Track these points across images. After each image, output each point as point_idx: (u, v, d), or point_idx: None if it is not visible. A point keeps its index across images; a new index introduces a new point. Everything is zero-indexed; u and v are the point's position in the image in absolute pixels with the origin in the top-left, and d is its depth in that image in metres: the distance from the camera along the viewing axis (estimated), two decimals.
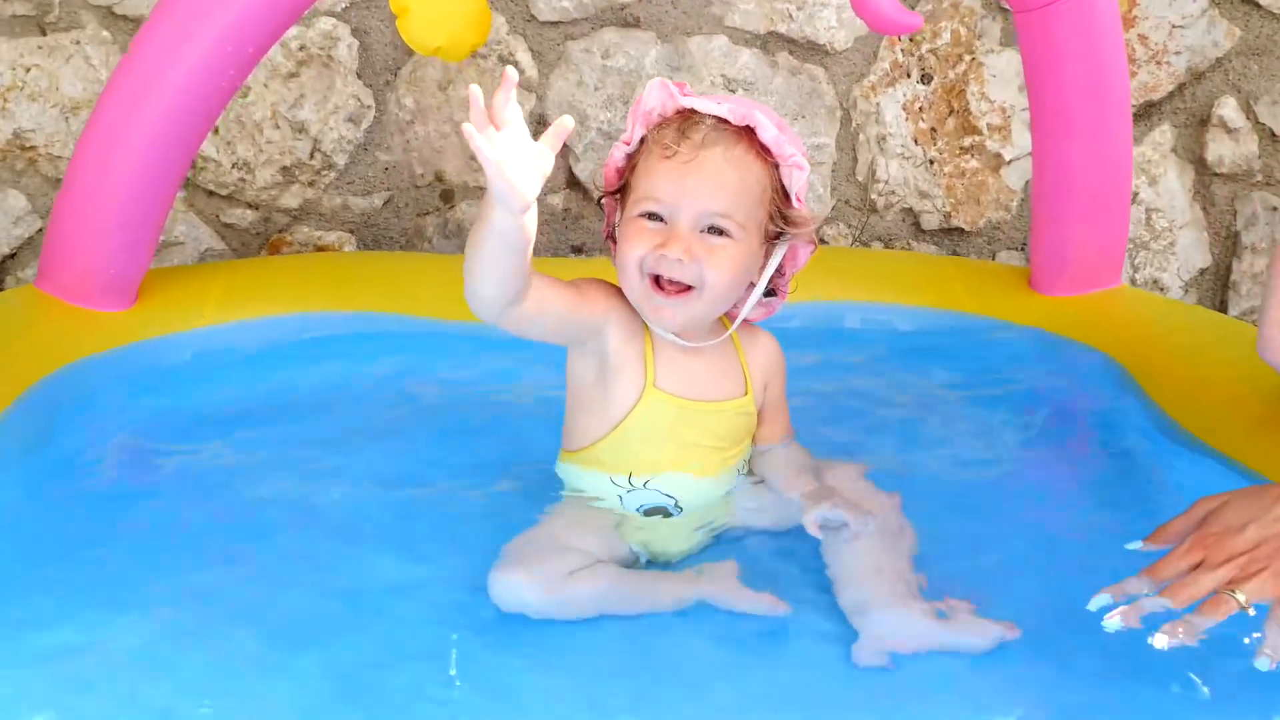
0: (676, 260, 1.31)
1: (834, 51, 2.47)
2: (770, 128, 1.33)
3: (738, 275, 1.35)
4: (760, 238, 1.36)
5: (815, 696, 1.18)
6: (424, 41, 1.60)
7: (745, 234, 1.34)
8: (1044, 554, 1.40)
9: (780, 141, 1.33)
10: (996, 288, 2.09)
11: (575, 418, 1.44)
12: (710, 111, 1.33)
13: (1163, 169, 2.56)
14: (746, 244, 1.34)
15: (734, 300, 1.39)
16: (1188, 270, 2.64)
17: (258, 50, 1.76)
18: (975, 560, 1.38)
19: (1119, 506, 1.46)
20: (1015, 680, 1.18)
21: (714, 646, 1.24)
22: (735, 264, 1.34)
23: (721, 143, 1.32)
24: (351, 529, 1.46)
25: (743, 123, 1.33)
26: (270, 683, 1.17)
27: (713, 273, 1.32)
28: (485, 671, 1.21)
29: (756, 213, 1.34)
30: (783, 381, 1.51)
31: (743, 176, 1.32)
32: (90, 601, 1.26)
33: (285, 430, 1.71)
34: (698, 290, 1.33)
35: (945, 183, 2.56)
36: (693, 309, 1.34)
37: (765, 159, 1.34)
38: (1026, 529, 1.43)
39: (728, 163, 1.32)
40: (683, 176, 1.31)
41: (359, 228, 2.50)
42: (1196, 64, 2.50)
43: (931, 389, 1.84)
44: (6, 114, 2.33)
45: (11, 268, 2.42)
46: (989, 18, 2.47)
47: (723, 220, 1.32)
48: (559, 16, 2.40)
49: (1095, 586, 1.15)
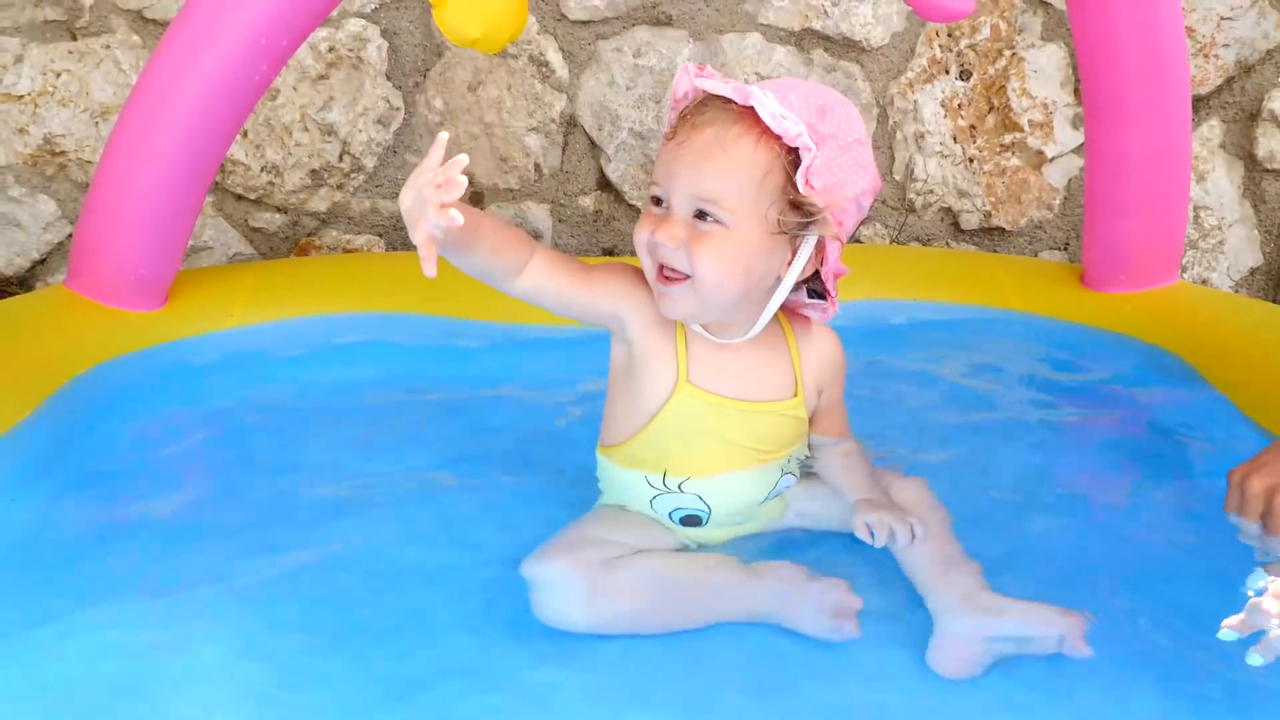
0: (665, 246, 1.25)
1: (870, 48, 2.42)
2: (773, 106, 1.22)
3: (731, 267, 1.25)
4: (762, 227, 1.25)
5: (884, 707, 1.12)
6: (461, 32, 1.56)
7: (738, 220, 1.24)
8: (1120, 557, 1.34)
9: (781, 119, 1.22)
10: (1048, 285, 2.03)
11: (612, 406, 1.40)
12: (715, 91, 1.25)
13: (1211, 165, 2.49)
14: (740, 232, 1.24)
15: (739, 294, 1.28)
16: (1238, 269, 2.56)
17: (291, 44, 1.73)
18: (1049, 565, 1.32)
19: (1196, 507, 1.39)
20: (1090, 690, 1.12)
21: (769, 652, 1.19)
22: (725, 254, 1.24)
23: (716, 123, 1.24)
24: (384, 529, 1.43)
25: (745, 102, 1.23)
26: (306, 686, 1.14)
27: (701, 262, 1.24)
28: (526, 679, 1.16)
29: (753, 197, 1.24)
30: (840, 384, 1.43)
31: (733, 156, 1.23)
32: (123, 601, 1.25)
33: (315, 430, 1.69)
34: (693, 280, 1.26)
35: (985, 181, 2.50)
36: (690, 299, 1.27)
37: (770, 140, 1.24)
38: (1101, 531, 1.37)
39: (717, 142, 1.23)
40: (675, 159, 1.26)
41: (388, 231, 2.47)
42: (1246, 56, 2.43)
43: (988, 390, 1.78)
44: (37, 119, 2.32)
45: (41, 273, 2.41)
46: (1029, 12, 2.42)
47: (708, 204, 1.24)
48: (590, 15, 2.37)
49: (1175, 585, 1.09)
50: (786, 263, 1.30)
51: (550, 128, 2.43)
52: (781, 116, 1.23)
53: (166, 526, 1.43)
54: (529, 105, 2.41)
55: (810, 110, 1.26)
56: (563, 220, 2.50)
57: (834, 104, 1.28)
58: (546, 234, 2.50)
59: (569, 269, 1.29)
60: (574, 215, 2.49)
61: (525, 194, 2.47)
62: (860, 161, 1.28)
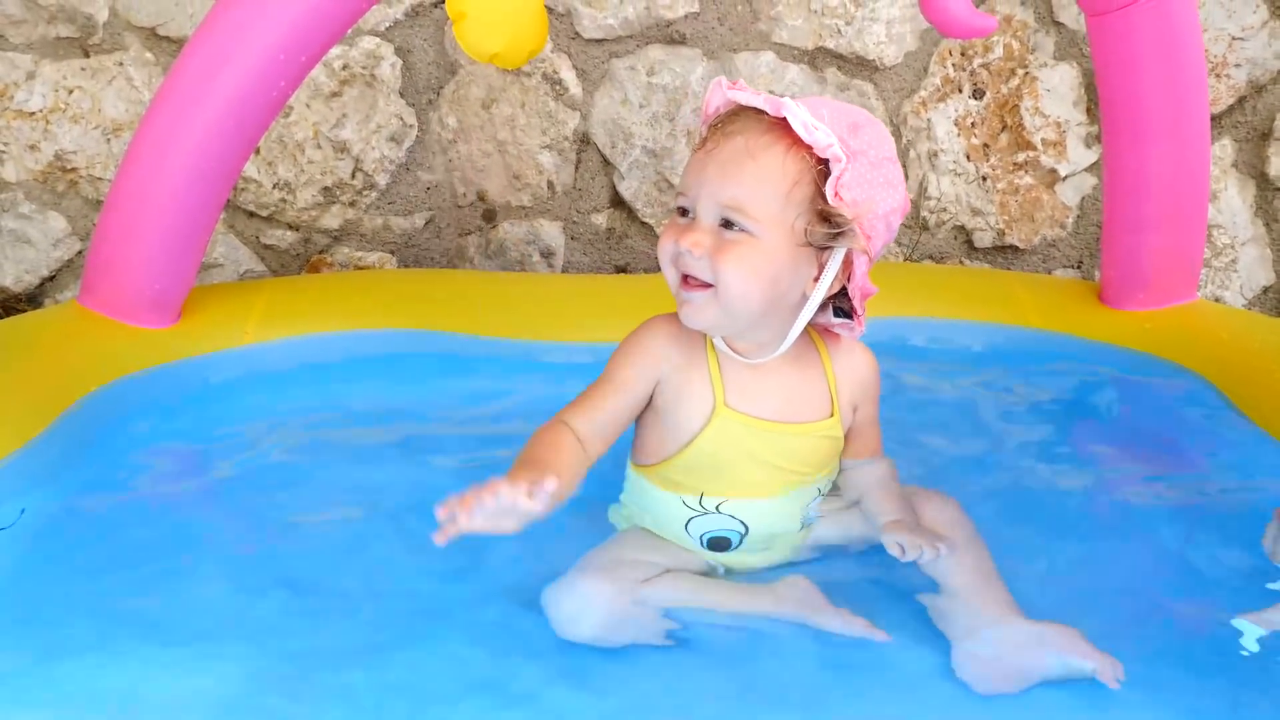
0: (689, 254, 1.24)
1: (883, 67, 2.42)
2: (806, 116, 1.21)
3: (756, 278, 1.24)
4: (789, 238, 1.23)
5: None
6: (481, 47, 1.56)
7: (764, 230, 1.23)
8: (1144, 576, 1.32)
9: (813, 129, 1.21)
10: (1066, 303, 2.02)
11: (645, 433, 1.38)
12: (746, 102, 1.25)
13: (1223, 184, 2.49)
14: (767, 243, 1.23)
15: (763, 305, 1.26)
16: (1251, 288, 2.56)
17: (310, 60, 1.72)
18: (1070, 583, 1.30)
19: (1223, 527, 1.38)
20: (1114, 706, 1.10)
21: (795, 667, 1.17)
22: (749, 264, 1.23)
23: (745, 132, 1.23)
24: (400, 546, 1.41)
25: (777, 113, 1.23)
26: (319, 701, 1.11)
27: (725, 271, 1.23)
28: (544, 696, 1.14)
29: (781, 207, 1.23)
30: (875, 402, 1.42)
31: (761, 166, 1.22)
32: (134, 619, 1.23)
33: (329, 448, 1.67)
34: (716, 289, 1.25)
35: (998, 199, 2.50)
36: (713, 309, 1.26)
37: (800, 150, 1.23)
38: (1122, 550, 1.36)
39: (745, 151, 1.22)
40: (703, 167, 1.25)
41: (400, 248, 2.46)
42: (1257, 76, 2.43)
43: (1008, 408, 1.77)
44: (49, 136, 2.31)
45: (50, 290, 2.39)
46: (1042, 31, 2.42)
47: (734, 213, 1.23)
48: (604, 34, 2.37)
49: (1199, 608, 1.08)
50: (814, 278, 1.28)
51: (564, 145, 2.43)
52: (814, 127, 1.22)
53: (178, 543, 1.41)
54: (542, 123, 2.41)
55: (842, 125, 1.25)
56: (575, 238, 2.49)
57: (865, 122, 1.28)
58: (559, 251, 2.49)
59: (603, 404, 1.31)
60: (587, 233, 2.48)
61: (538, 211, 2.47)
62: (890, 179, 1.27)
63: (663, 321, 1.35)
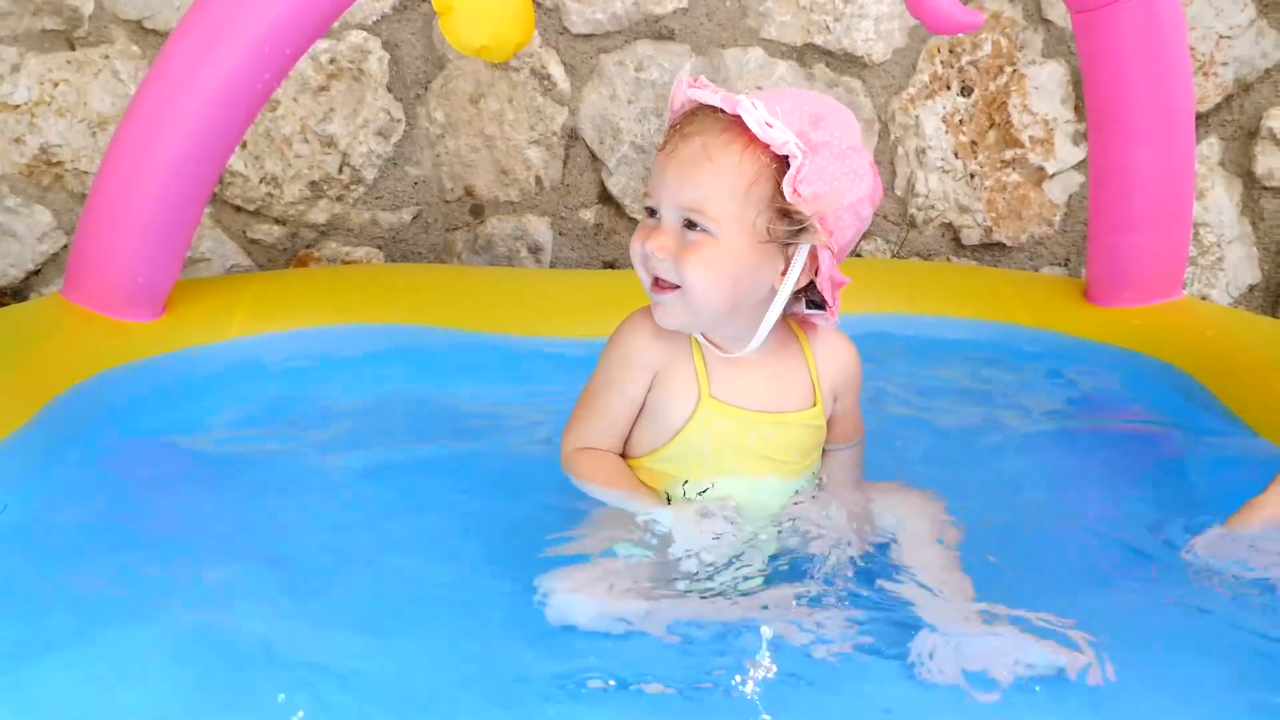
0: (655, 256, 1.26)
1: (872, 64, 2.42)
2: (760, 114, 1.21)
3: (719, 277, 1.25)
4: (750, 236, 1.25)
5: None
6: (468, 40, 1.55)
7: (723, 230, 1.24)
8: (1122, 570, 1.33)
9: (766, 126, 1.21)
10: (1053, 300, 2.03)
11: (633, 427, 1.39)
12: (704, 100, 1.26)
13: (1210, 183, 2.50)
14: (727, 242, 1.24)
15: (728, 303, 1.28)
16: (1237, 286, 2.57)
17: (295, 53, 1.72)
18: (1051, 579, 1.31)
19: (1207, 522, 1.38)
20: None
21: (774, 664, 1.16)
22: (712, 263, 1.24)
23: (703, 132, 1.24)
24: (385, 540, 1.41)
25: (733, 110, 1.23)
26: (315, 692, 1.10)
27: (689, 272, 1.25)
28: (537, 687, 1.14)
29: (739, 206, 1.23)
30: (855, 391, 1.43)
31: (718, 165, 1.23)
32: (117, 614, 1.21)
33: (314, 441, 1.67)
34: (683, 290, 1.27)
35: (986, 197, 2.50)
36: (682, 308, 1.28)
37: (757, 148, 1.23)
38: (1105, 544, 1.36)
39: (703, 152, 1.23)
40: (664, 169, 1.27)
41: (387, 243, 2.46)
42: (1245, 75, 2.44)
43: (994, 404, 1.77)
44: (34, 129, 2.30)
45: (35, 284, 2.38)
46: (1030, 29, 2.43)
47: (694, 214, 1.24)
48: (592, 29, 2.37)
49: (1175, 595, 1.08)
50: (781, 272, 1.29)
51: (551, 140, 2.42)
52: (767, 124, 1.22)
53: (163, 538, 1.40)
54: (530, 118, 2.40)
55: (803, 118, 1.25)
56: (563, 233, 2.49)
57: (829, 112, 1.28)
58: (547, 247, 2.49)
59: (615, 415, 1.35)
60: (575, 228, 2.48)
61: (526, 207, 2.46)
62: (855, 169, 1.27)
63: (643, 317, 1.36)
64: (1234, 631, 1.20)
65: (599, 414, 1.35)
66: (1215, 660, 1.16)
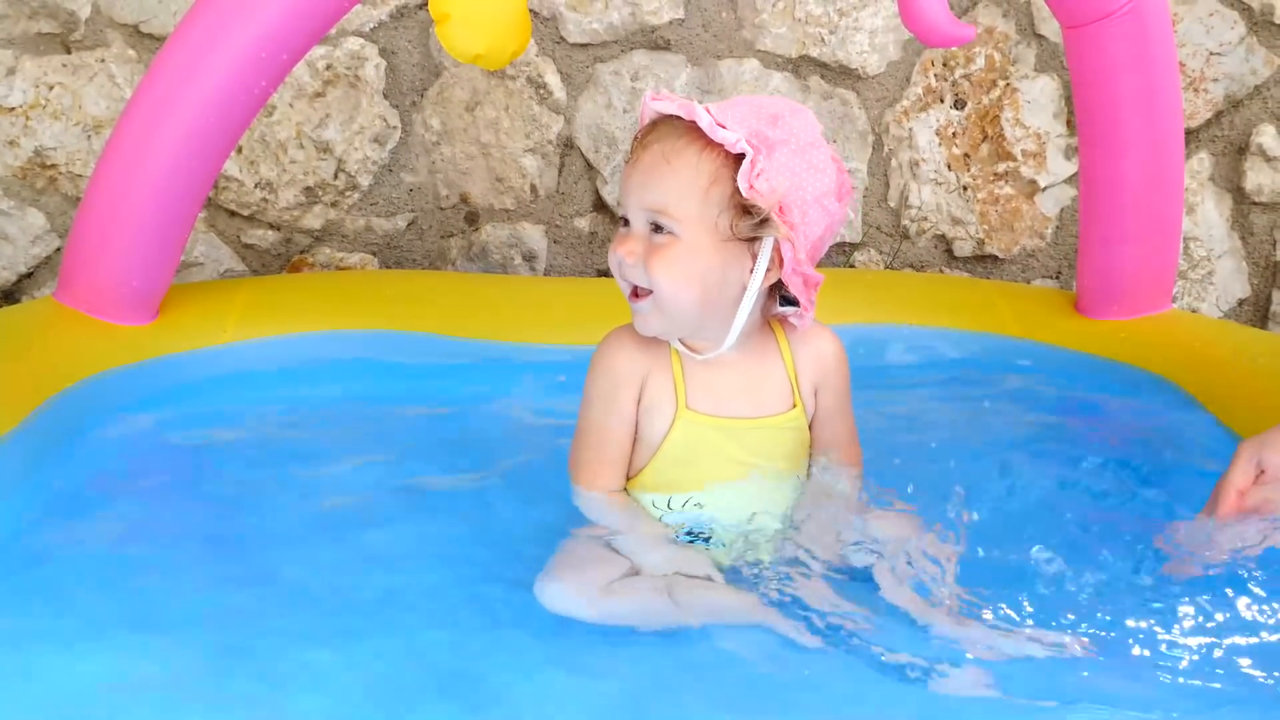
0: (626, 263, 1.30)
1: (866, 76, 2.44)
2: (708, 119, 1.26)
3: (686, 277, 1.28)
4: (713, 235, 1.28)
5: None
6: (464, 48, 1.56)
7: (687, 230, 1.28)
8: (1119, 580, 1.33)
9: (714, 128, 1.26)
10: (1044, 312, 2.04)
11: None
12: (664, 110, 1.31)
13: (1200, 197, 2.52)
14: (691, 242, 1.28)
15: (698, 303, 1.30)
16: (1226, 300, 2.58)
17: (291, 58, 1.72)
18: (1040, 590, 1.31)
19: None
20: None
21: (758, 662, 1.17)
22: (678, 264, 1.28)
23: (663, 138, 1.30)
24: (379, 543, 1.41)
25: (690, 116, 1.28)
26: (302, 695, 1.10)
27: (656, 274, 1.29)
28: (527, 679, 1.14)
29: (700, 206, 1.28)
30: (841, 385, 1.41)
31: (678, 168, 1.28)
32: (109, 619, 1.21)
33: (306, 446, 1.67)
34: (655, 294, 1.30)
35: (979, 209, 2.52)
36: (657, 314, 1.31)
37: (713, 150, 1.28)
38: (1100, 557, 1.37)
39: (662, 157, 1.29)
40: (629, 177, 1.32)
41: (381, 249, 2.46)
42: (1235, 91, 2.47)
43: (984, 414, 1.78)
44: (28, 132, 2.30)
45: (28, 287, 2.37)
46: (1023, 44, 2.45)
47: (659, 216, 1.29)
48: (589, 39, 2.38)
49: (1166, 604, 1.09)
50: (749, 270, 1.31)
51: (547, 149, 2.43)
52: (717, 125, 1.27)
53: (153, 543, 1.40)
54: (526, 126, 2.41)
55: (760, 119, 1.30)
56: (558, 241, 2.49)
57: (786, 112, 1.32)
58: (541, 255, 2.49)
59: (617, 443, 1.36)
60: (569, 237, 2.49)
61: (521, 215, 2.47)
62: (816, 164, 1.30)
63: (622, 334, 1.38)
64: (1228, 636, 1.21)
65: (602, 443, 1.37)
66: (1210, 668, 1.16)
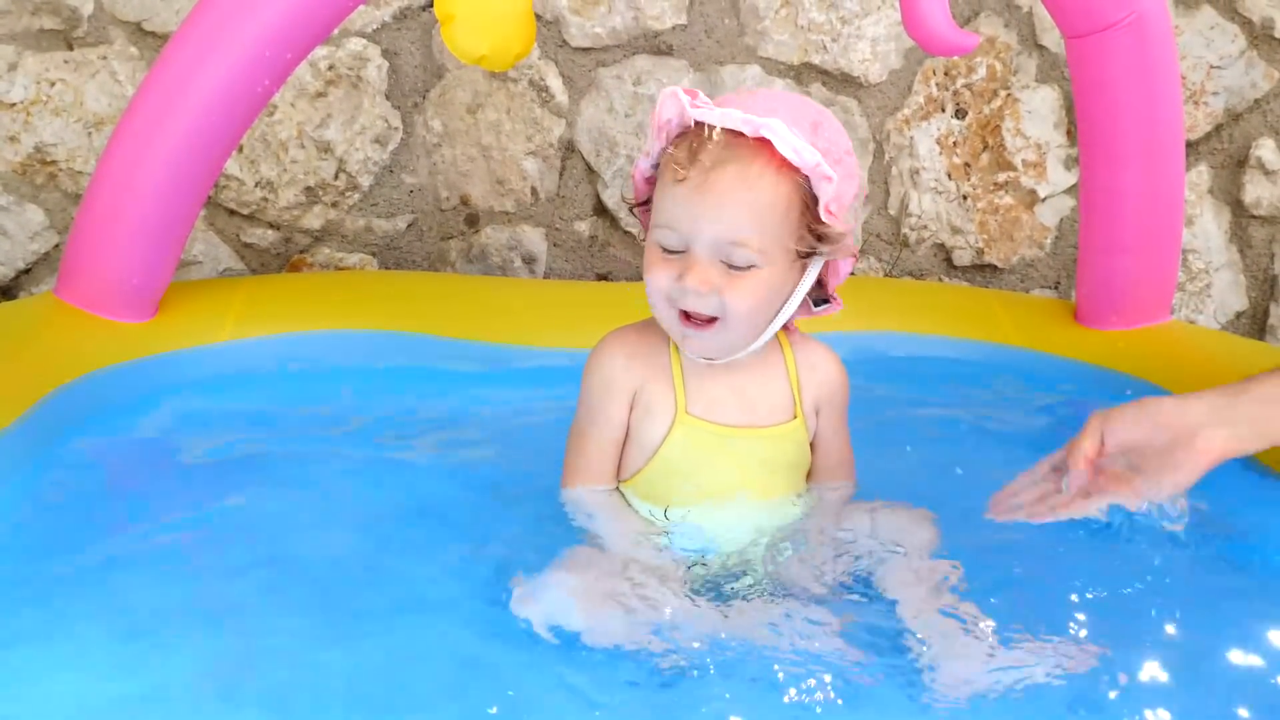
0: (696, 293, 1.23)
1: (868, 84, 2.45)
2: (788, 135, 1.20)
3: (764, 301, 1.26)
4: (788, 259, 1.25)
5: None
6: (468, 49, 1.56)
7: (768, 259, 1.23)
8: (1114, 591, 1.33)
9: (801, 151, 1.20)
10: (1043, 322, 2.05)
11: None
12: (720, 124, 1.22)
13: (1199, 210, 2.53)
14: (771, 269, 1.24)
15: (765, 325, 1.29)
16: (1224, 313, 2.59)
17: (295, 58, 1.72)
18: (1038, 598, 1.31)
19: (1196, 545, 1.39)
20: None
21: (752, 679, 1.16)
22: (758, 292, 1.24)
23: (734, 161, 1.20)
24: (374, 545, 1.40)
25: (756, 134, 1.20)
26: (302, 696, 1.10)
27: (735, 301, 1.24)
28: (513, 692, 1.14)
29: (780, 234, 1.23)
30: (842, 409, 1.39)
31: (759, 197, 1.21)
32: (106, 615, 1.21)
33: (304, 445, 1.66)
34: (723, 320, 1.25)
35: (978, 218, 2.52)
36: (721, 338, 1.28)
37: (788, 171, 1.22)
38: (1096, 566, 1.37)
39: (741, 184, 1.20)
40: (695, 204, 1.22)
41: (381, 250, 2.46)
42: (1234, 105, 2.48)
43: (983, 423, 1.78)
44: (29, 128, 2.30)
45: (26, 283, 2.37)
46: (1025, 54, 2.45)
47: (739, 249, 1.22)
48: (591, 43, 2.38)
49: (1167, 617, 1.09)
50: (797, 282, 1.29)
51: (548, 152, 2.43)
52: (797, 149, 1.21)
53: (150, 541, 1.39)
54: (528, 129, 2.41)
55: (805, 128, 1.24)
56: (558, 245, 2.49)
57: (823, 119, 1.28)
58: (541, 258, 2.49)
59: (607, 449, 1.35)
60: (569, 240, 2.49)
61: (521, 217, 2.47)
62: (851, 171, 1.28)
63: (618, 340, 1.35)
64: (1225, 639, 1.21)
65: (591, 449, 1.35)
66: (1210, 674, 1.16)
